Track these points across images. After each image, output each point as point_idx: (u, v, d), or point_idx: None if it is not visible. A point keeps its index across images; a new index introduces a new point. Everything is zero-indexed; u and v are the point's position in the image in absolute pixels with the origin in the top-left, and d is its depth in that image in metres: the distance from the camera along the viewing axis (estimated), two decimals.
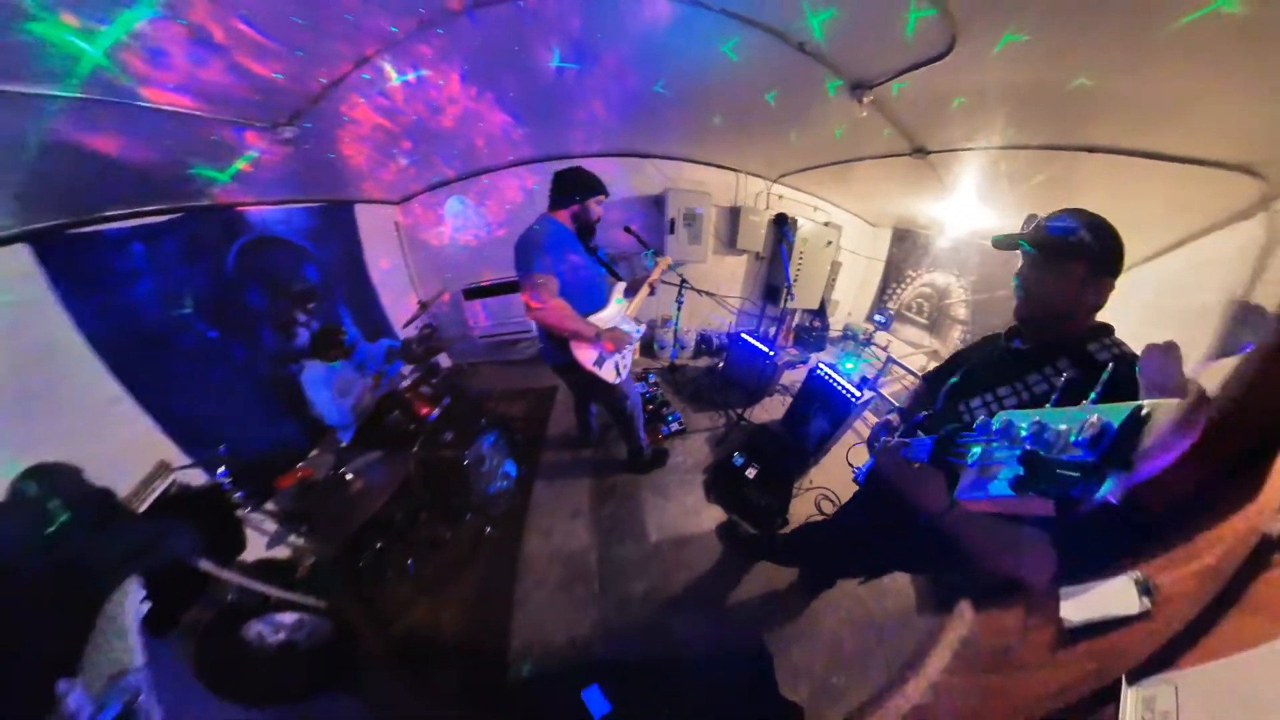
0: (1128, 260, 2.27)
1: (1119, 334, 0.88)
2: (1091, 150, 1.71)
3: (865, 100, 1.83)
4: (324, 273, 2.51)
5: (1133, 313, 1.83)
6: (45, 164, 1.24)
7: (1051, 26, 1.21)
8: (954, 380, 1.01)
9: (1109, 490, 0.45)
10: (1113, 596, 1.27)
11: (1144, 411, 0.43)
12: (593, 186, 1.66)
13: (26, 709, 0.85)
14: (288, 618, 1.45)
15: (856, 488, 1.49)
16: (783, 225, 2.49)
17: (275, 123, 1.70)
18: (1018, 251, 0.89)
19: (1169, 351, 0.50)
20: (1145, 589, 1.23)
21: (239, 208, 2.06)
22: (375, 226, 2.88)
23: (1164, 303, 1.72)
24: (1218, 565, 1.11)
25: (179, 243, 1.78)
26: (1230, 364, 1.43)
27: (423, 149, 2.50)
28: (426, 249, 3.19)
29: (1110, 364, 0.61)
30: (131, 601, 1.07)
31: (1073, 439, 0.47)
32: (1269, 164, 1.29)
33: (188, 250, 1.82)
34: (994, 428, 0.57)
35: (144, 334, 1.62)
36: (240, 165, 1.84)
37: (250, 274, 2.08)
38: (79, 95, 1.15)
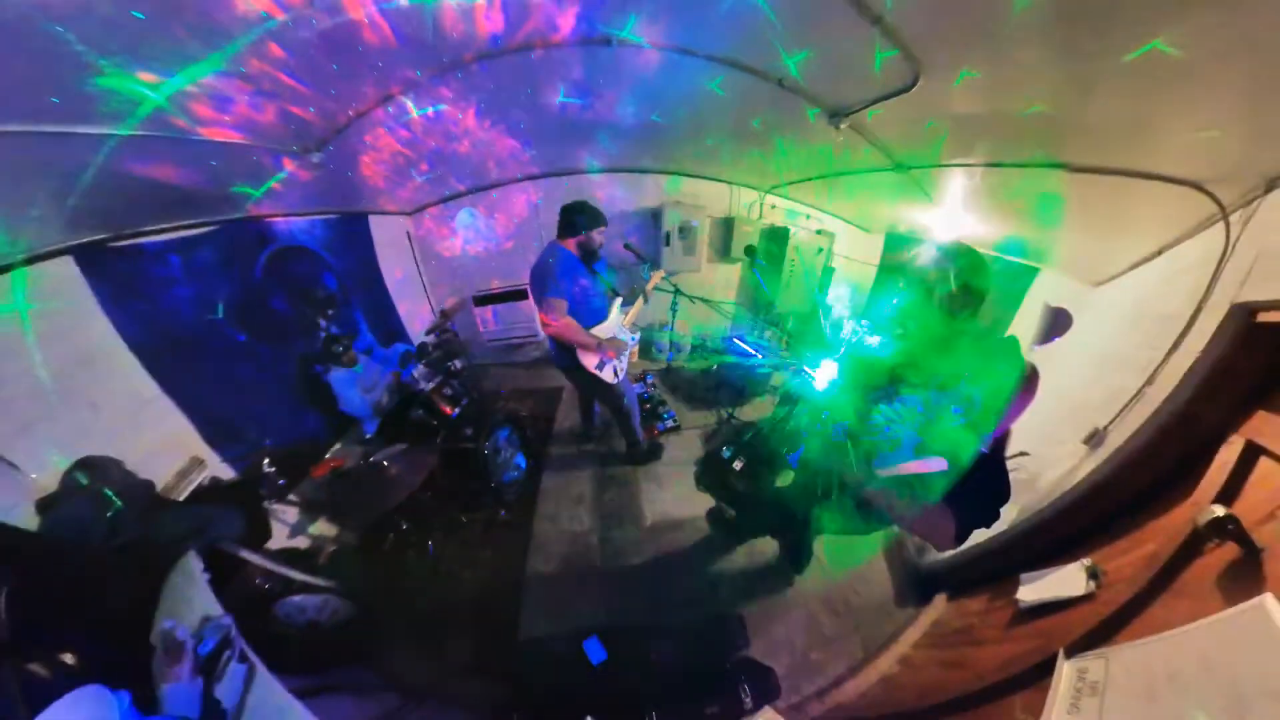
0: (1114, 269, 2.28)
1: (1108, 332, 0.99)
2: (1057, 167, 1.77)
3: (842, 126, 1.91)
4: (342, 281, 2.64)
5: (1115, 319, 1.89)
6: (96, 188, 1.33)
7: (1001, 65, 1.29)
8: (865, 378, 1.15)
9: (982, 442, 0.66)
10: (1064, 580, 1.36)
11: (996, 384, 0.64)
12: (595, 220, 1.87)
13: (111, 646, 0.99)
14: (313, 600, 1.56)
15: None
16: (752, 254, 2.64)
17: (306, 149, 1.83)
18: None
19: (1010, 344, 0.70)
20: (1093, 573, 1.31)
21: (266, 219, 2.19)
22: (389, 237, 3.02)
23: (1142, 308, 1.76)
24: (1157, 552, 1.18)
25: (210, 253, 1.91)
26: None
27: (438, 170, 2.65)
28: (438, 258, 3.31)
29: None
30: (197, 568, 1.21)
31: (953, 408, 0.68)
32: (1213, 182, 1.35)
33: (219, 260, 1.94)
34: (896, 408, 0.75)
35: (178, 338, 1.74)
36: (272, 184, 1.97)
37: (276, 281, 2.22)
38: (136, 133, 1.26)
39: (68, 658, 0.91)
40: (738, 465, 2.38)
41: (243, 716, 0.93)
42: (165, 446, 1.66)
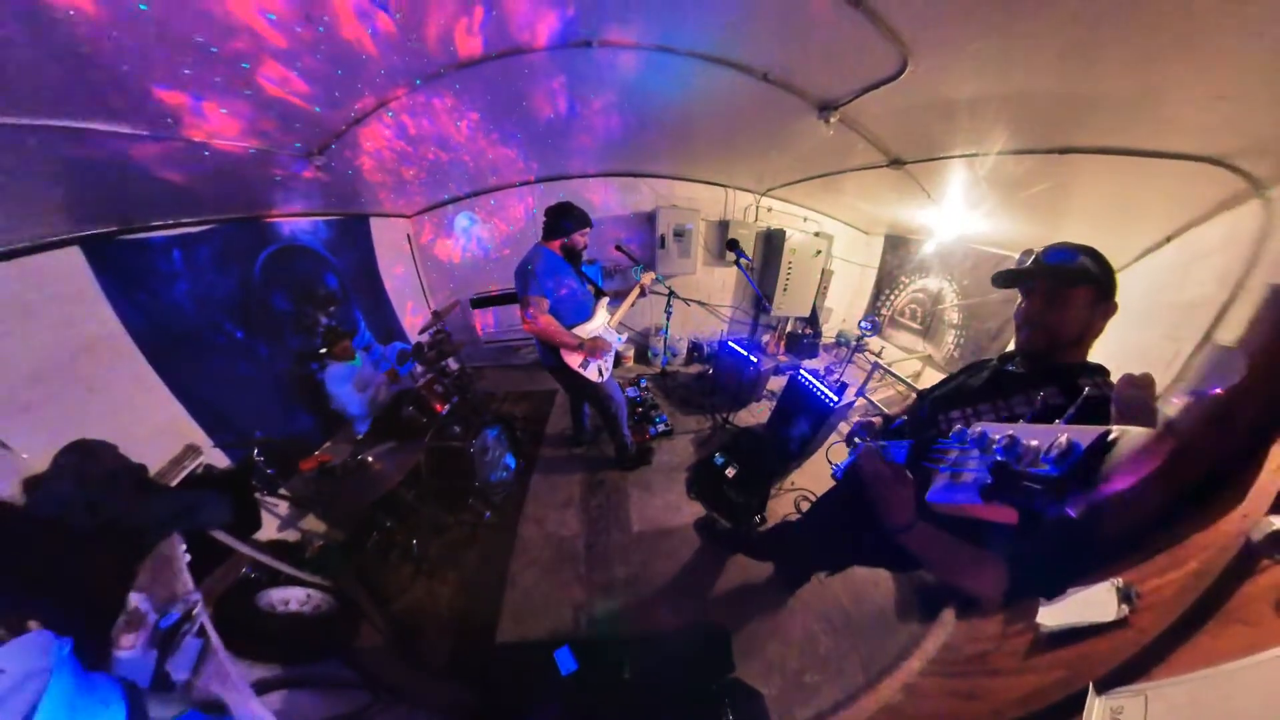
0: (1122, 258, 2.14)
1: (1120, 325, 0.84)
2: (1064, 151, 1.64)
3: (832, 120, 1.83)
4: (343, 280, 2.66)
5: (1125, 310, 1.71)
6: (106, 182, 1.37)
7: (997, 38, 1.18)
8: (939, 393, 1.00)
9: (1069, 504, 0.45)
10: (1091, 602, 1.17)
11: (1111, 436, 0.43)
12: (578, 221, 1.83)
13: (84, 620, 0.95)
14: (297, 592, 1.51)
15: (832, 485, 1.45)
16: (735, 248, 2.47)
17: (308, 153, 1.86)
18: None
19: (1142, 383, 0.50)
20: (1126, 596, 1.12)
21: (267, 219, 2.22)
22: (389, 239, 3.05)
23: (1156, 297, 1.60)
24: (1200, 571, 1.00)
25: (214, 250, 1.93)
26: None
27: (436, 175, 2.68)
28: (437, 260, 3.35)
29: (1090, 393, 0.57)
30: (179, 549, 1.18)
31: (1041, 455, 0.47)
32: (1237, 155, 1.20)
33: (222, 257, 1.96)
34: (969, 437, 0.57)
35: (180, 330, 1.75)
36: (272, 184, 2.01)
37: (277, 279, 2.23)
38: (143, 133, 1.30)
39: (32, 624, 0.87)
40: (730, 473, 2.25)
41: (192, 691, 0.92)
42: (161, 433, 1.66)
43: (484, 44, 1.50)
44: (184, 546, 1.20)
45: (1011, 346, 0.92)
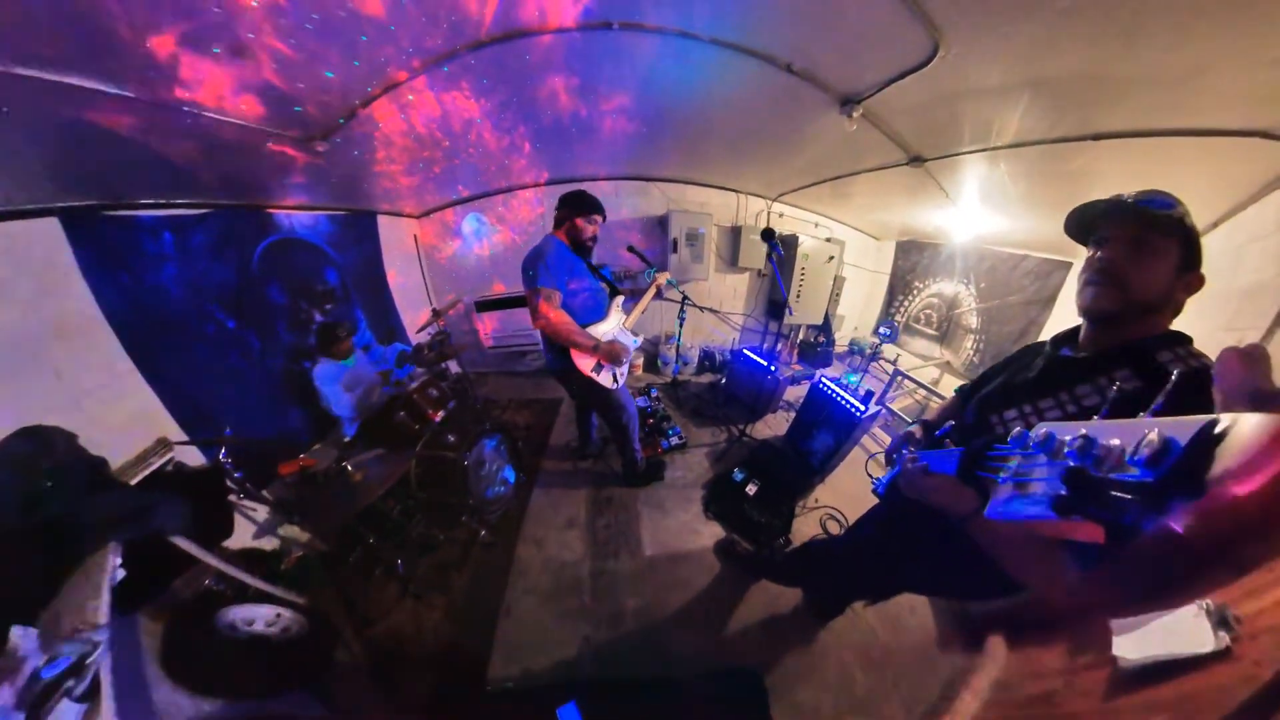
0: None
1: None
2: (1098, 138, 1.61)
3: (855, 115, 1.83)
4: (344, 277, 2.61)
5: None
6: (87, 148, 1.29)
7: (1035, 19, 1.17)
8: (986, 390, 0.89)
9: (1172, 516, 0.36)
10: (1179, 630, 1.03)
11: (1219, 428, 0.35)
12: (589, 208, 1.77)
13: None
14: (265, 610, 1.38)
15: (871, 504, 1.33)
16: (770, 238, 2.27)
17: (310, 137, 1.82)
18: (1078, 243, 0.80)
19: (1252, 356, 0.40)
20: (1222, 620, 0.99)
21: (267, 209, 2.17)
22: (395, 237, 3.03)
23: (1206, 286, 1.54)
24: None
25: (209, 235, 1.87)
26: None
27: (444, 174, 2.69)
28: (443, 261, 3.34)
29: (1180, 371, 0.47)
30: (109, 564, 1.04)
31: (1128, 456, 0.38)
32: None
33: (217, 243, 1.90)
34: (1032, 440, 0.48)
35: (163, 316, 1.66)
36: (274, 171, 1.95)
37: (274, 272, 2.17)
38: (132, 95, 1.21)
39: None
40: (751, 490, 2.12)
41: None
42: (130, 425, 1.54)
43: (498, 25, 1.47)
44: (118, 560, 1.06)
45: (1044, 336, 0.84)
